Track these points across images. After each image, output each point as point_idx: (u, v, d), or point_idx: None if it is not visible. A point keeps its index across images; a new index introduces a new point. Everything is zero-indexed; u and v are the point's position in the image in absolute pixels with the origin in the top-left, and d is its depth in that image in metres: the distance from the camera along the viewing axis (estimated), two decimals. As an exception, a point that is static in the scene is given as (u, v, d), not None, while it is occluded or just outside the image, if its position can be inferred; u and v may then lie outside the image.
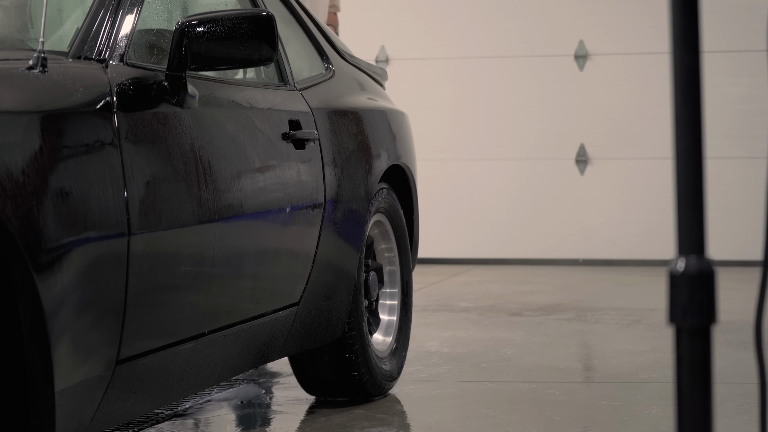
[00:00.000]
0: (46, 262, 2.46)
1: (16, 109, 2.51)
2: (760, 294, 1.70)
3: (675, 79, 1.68)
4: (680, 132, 1.68)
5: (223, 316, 3.29)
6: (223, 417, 4.10)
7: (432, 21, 8.59)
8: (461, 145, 8.56)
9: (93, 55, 2.93)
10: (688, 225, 1.67)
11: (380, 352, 4.32)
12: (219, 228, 3.17)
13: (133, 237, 2.76)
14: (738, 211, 8.13)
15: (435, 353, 5.15)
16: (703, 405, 1.66)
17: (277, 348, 3.71)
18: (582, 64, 8.46)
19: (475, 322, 6.01)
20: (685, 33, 1.67)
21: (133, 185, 2.79)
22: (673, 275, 1.66)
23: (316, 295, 3.84)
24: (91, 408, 2.71)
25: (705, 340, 1.66)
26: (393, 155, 4.43)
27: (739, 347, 5.12)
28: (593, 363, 5.03)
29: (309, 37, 4.29)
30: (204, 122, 3.18)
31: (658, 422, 3.88)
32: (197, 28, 3.03)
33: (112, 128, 2.77)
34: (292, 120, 3.74)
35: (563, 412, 4.05)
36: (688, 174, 1.67)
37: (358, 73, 4.55)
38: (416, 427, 3.99)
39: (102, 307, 2.68)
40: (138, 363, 2.87)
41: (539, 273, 8.03)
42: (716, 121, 7.84)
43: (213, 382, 3.40)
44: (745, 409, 4.02)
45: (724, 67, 8.10)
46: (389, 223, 4.42)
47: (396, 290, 4.47)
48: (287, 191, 3.60)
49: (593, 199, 8.43)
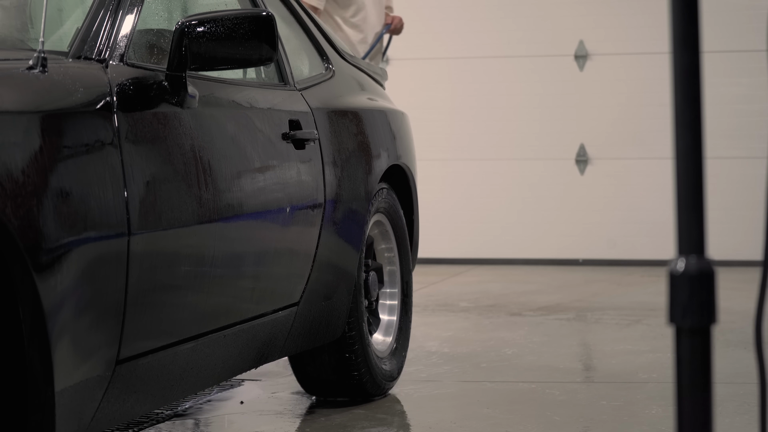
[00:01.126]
0: (46, 262, 2.46)
1: (16, 109, 2.51)
2: (760, 294, 1.70)
3: (675, 79, 1.68)
4: (680, 132, 1.68)
5: (223, 316, 3.29)
6: (223, 417, 4.10)
7: (432, 21, 8.59)
8: (461, 145, 8.57)
9: (93, 55, 2.93)
10: (688, 225, 1.67)
11: (380, 352, 4.32)
12: (219, 228, 3.17)
13: (133, 237, 2.76)
14: (738, 211, 8.13)
15: (435, 353, 5.15)
16: (703, 405, 1.66)
17: (277, 348, 3.71)
18: (582, 64, 8.46)
19: (475, 322, 6.01)
20: (685, 33, 1.67)
21: (133, 185, 2.79)
22: (673, 275, 1.66)
23: (316, 295, 3.84)
24: (91, 408, 2.71)
25: (705, 340, 1.66)
26: (393, 155, 4.43)
27: (739, 347, 5.12)
28: (593, 363, 5.03)
29: (309, 37, 4.29)
30: (204, 122, 3.18)
31: (658, 422, 3.88)
32: (197, 28, 3.03)
33: (112, 128, 2.77)
34: (292, 120, 3.74)
35: (563, 412, 4.05)
36: (688, 174, 1.67)
37: (358, 73, 4.55)
38: (416, 427, 3.99)
39: (102, 307, 2.68)
40: (138, 363, 2.87)
41: (539, 273, 8.03)
42: (716, 121, 7.84)
43: (213, 382, 3.40)
44: (745, 409, 4.02)
45: (724, 67, 8.10)
46: (389, 223, 4.42)
47: (396, 290, 4.48)
48: (287, 191, 3.60)
49: (593, 199, 8.43)
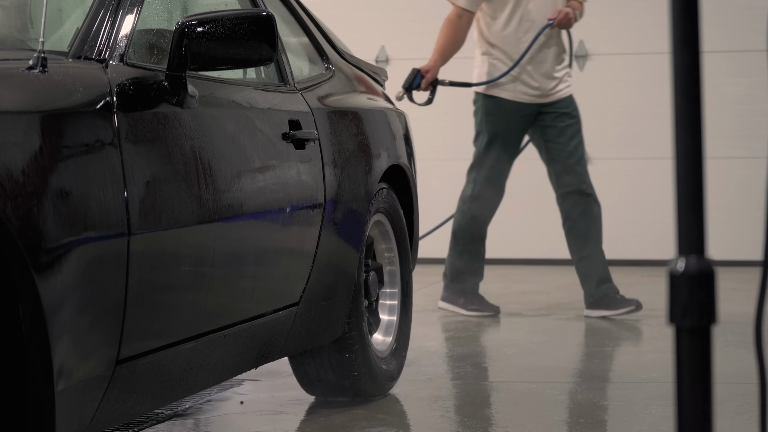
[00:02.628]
0: (46, 262, 2.46)
1: (16, 109, 2.51)
2: (760, 294, 1.70)
3: (675, 79, 1.68)
4: (680, 132, 1.68)
5: (223, 316, 3.29)
6: (223, 417, 4.10)
7: (432, 21, 8.58)
8: (461, 145, 8.56)
9: (93, 55, 2.93)
10: (688, 225, 1.67)
11: (380, 352, 4.32)
12: (219, 228, 3.17)
13: (133, 237, 2.76)
14: (738, 211, 8.13)
15: (435, 353, 5.15)
16: (703, 405, 1.66)
17: (277, 348, 3.71)
18: (582, 64, 8.46)
19: (475, 322, 6.01)
20: (685, 33, 1.67)
21: (133, 185, 2.78)
22: (673, 275, 1.66)
23: (316, 295, 3.84)
24: (91, 408, 2.71)
25: (705, 340, 1.66)
26: (393, 155, 4.43)
27: (739, 347, 5.12)
28: (593, 363, 5.03)
29: (309, 37, 4.29)
30: (204, 122, 3.18)
31: (658, 422, 3.88)
32: (197, 28, 3.03)
33: (112, 128, 2.77)
34: (292, 120, 3.74)
35: (563, 412, 4.05)
36: (688, 174, 1.67)
37: (358, 73, 4.55)
38: (416, 427, 3.99)
39: (102, 307, 2.68)
40: (138, 363, 2.87)
41: (539, 273, 8.03)
42: (716, 121, 7.84)
43: (213, 382, 3.40)
44: (745, 409, 4.02)
45: (724, 67, 8.10)
46: (389, 223, 4.42)
47: (396, 290, 4.47)
48: (287, 191, 3.60)
49: (593, 199, 8.42)
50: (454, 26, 6.08)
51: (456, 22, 6.06)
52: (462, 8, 6.00)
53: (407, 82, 6.18)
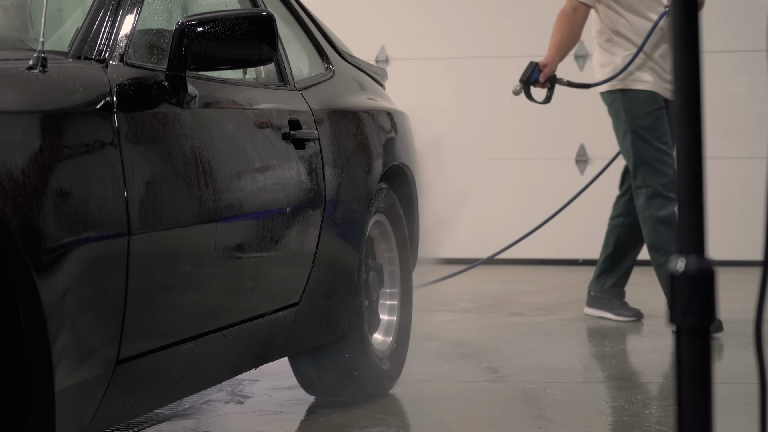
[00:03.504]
0: (46, 262, 2.46)
1: (16, 109, 2.51)
2: (760, 294, 1.70)
3: (675, 79, 1.68)
4: (680, 132, 1.68)
5: (223, 316, 3.29)
6: (223, 417, 4.10)
7: (432, 21, 8.59)
8: (461, 145, 8.56)
9: (93, 55, 2.93)
10: (688, 225, 1.67)
11: (380, 352, 4.32)
12: (219, 228, 3.17)
13: (133, 237, 2.76)
14: (738, 211, 8.13)
15: (435, 353, 5.15)
16: (703, 405, 1.66)
17: (277, 348, 3.71)
18: (582, 64, 8.46)
19: (475, 322, 6.01)
20: (685, 33, 1.67)
21: (133, 185, 2.78)
22: (673, 275, 1.66)
23: (316, 295, 3.84)
24: (91, 408, 2.71)
25: (705, 340, 1.66)
26: (393, 155, 4.43)
27: (739, 347, 5.12)
28: (593, 363, 5.03)
29: (309, 37, 4.29)
30: (204, 122, 3.18)
31: (658, 422, 3.88)
32: (197, 28, 3.03)
33: (112, 128, 2.77)
34: (292, 120, 3.74)
35: (563, 412, 4.05)
36: (688, 174, 1.67)
37: (358, 73, 4.55)
38: (416, 427, 3.99)
39: (102, 307, 2.68)
40: (138, 363, 2.87)
41: (539, 273, 8.03)
42: (716, 121, 7.84)
43: (213, 382, 3.40)
44: (745, 409, 4.02)
45: (724, 67, 8.10)
46: (389, 223, 4.42)
47: (396, 290, 4.47)
48: (287, 191, 3.60)
49: (593, 199, 8.43)
50: (569, 20, 5.68)
51: (571, 16, 5.68)
52: (578, 1, 5.64)
53: (524, 76, 5.68)
